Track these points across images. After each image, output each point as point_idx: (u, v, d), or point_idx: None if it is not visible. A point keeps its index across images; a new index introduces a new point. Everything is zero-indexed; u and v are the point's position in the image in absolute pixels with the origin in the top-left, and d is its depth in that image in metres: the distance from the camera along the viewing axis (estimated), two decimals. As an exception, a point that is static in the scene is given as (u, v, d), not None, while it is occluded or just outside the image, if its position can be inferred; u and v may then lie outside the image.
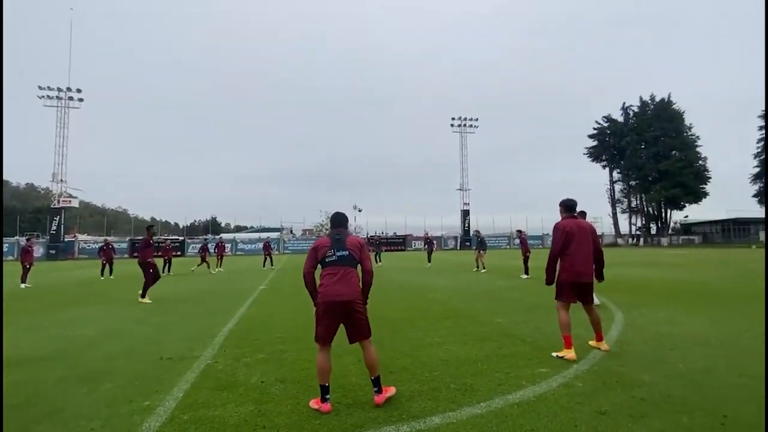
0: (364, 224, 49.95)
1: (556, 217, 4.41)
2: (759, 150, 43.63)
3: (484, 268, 14.55)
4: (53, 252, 36.25)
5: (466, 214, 48.19)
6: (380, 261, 20.12)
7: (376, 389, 2.95)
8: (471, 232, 48.16)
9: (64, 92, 39.31)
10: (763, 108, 42.44)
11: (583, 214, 6.94)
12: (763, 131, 42.80)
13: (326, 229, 49.49)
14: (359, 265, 3.14)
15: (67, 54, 40.79)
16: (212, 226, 67.01)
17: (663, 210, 51.93)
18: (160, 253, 15.82)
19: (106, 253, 15.07)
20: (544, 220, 47.17)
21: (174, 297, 9.32)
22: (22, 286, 11.78)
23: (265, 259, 19.35)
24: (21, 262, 12.71)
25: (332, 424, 2.64)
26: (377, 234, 42.33)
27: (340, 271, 3.00)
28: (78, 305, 8.32)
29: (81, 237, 44.62)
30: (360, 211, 50.07)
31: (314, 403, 2.90)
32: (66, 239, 38.95)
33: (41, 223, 39.93)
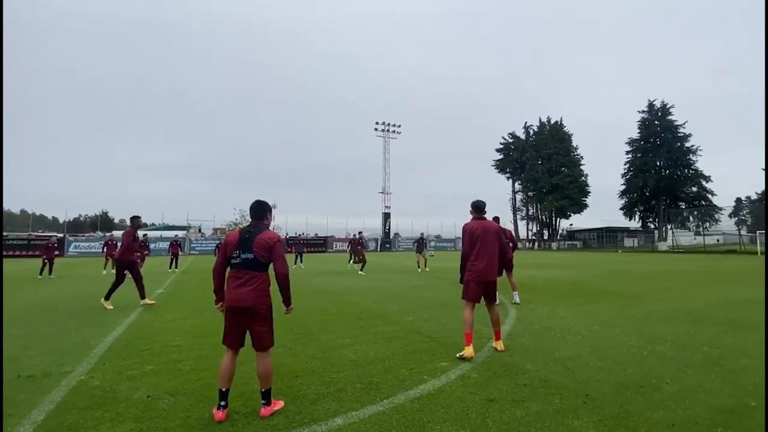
0: (283, 224, 48.22)
1: (467, 220, 4.69)
2: (625, 170, 52.47)
3: (427, 268, 15.95)
4: None
5: (387, 216, 49.47)
6: (302, 263, 19.52)
7: (264, 401, 2.76)
8: (392, 234, 49.62)
9: None
10: (629, 137, 51.35)
11: (496, 219, 7.62)
12: (630, 155, 51.63)
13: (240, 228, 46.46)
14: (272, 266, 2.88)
15: None
16: (102, 222, 58.53)
17: (553, 218, 59.40)
18: (38, 253, 13.21)
19: None
20: (457, 225, 50.72)
21: (48, 303, 7.88)
22: None
23: (172, 260, 17.51)
24: None
25: (227, 435, 2.47)
26: (298, 234, 41.09)
27: (244, 276, 2.80)
28: None
29: None
30: (274, 207, 48.17)
31: (216, 413, 2.69)
32: None
33: None
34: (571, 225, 62.08)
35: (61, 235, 34.81)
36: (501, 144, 62.76)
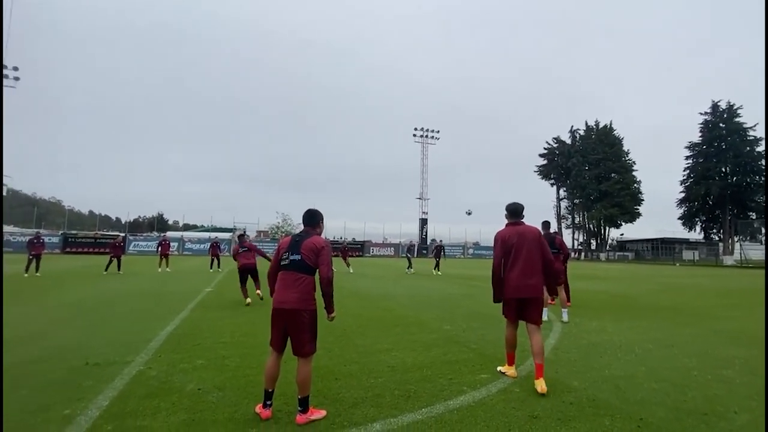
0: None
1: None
2: (684, 177, 48.55)
3: (439, 272, 17.26)
4: (-32, 243, 32.17)
5: (424, 222, 49.22)
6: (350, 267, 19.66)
7: (300, 409, 2.72)
8: (429, 241, 49.25)
9: (-7, 67, 35.33)
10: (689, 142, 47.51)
11: (546, 224, 7.19)
12: (690, 160, 47.76)
13: (282, 231, 48.27)
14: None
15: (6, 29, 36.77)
16: (158, 223, 62.95)
17: (602, 227, 56.08)
18: (107, 251, 14.61)
19: (35, 248, 13.57)
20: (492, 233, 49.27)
21: (111, 298, 8.61)
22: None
23: (212, 260, 18.45)
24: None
25: (272, 430, 2.56)
26: (340, 239, 41.93)
27: (291, 277, 2.88)
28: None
29: (7, 228, 40.06)
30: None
31: (258, 408, 2.82)
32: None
33: (-46, 211, 35.39)
34: (621, 235, 58.34)
35: (123, 234, 37.90)
36: (545, 149, 60.42)
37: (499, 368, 3.90)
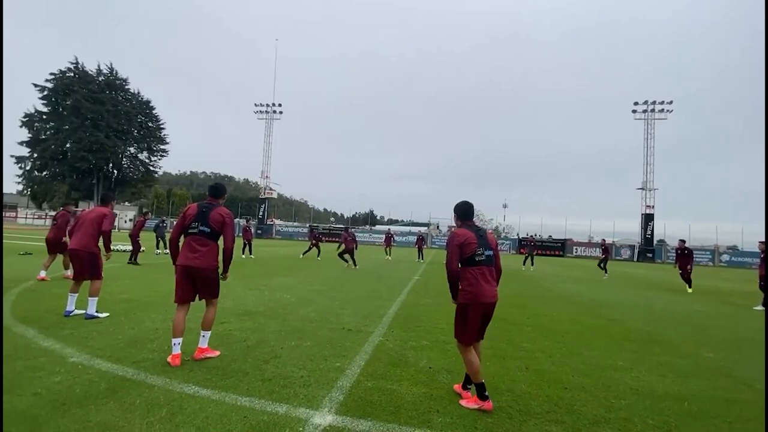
0: (515, 223, 47.04)
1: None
2: None
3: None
4: (260, 232, 46.52)
5: (648, 218, 39.84)
6: (533, 265, 18.50)
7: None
8: (655, 241, 39.70)
9: (270, 107, 49.68)
10: None
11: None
12: None
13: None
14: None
15: (272, 75, 51.45)
16: (370, 218, 74.14)
17: None
18: (339, 240, 18.53)
19: (247, 234, 16.40)
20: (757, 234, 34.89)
21: (347, 277, 10.71)
22: (242, 257, 15.51)
23: (419, 251, 20.33)
24: (243, 238, 16.75)
25: (505, 427, 2.57)
26: (530, 235, 39.15)
27: (486, 271, 2.94)
28: (279, 275, 10.44)
29: (277, 222, 55.95)
30: (505, 206, 48.43)
31: (470, 402, 2.83)
32: (268, 223, 49.43)
33: (252, 210, 51.96)
34: None
35: (344, 226, 46.65)
36: None
37: None
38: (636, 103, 41.80)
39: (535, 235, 40.52)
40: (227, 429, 2.33)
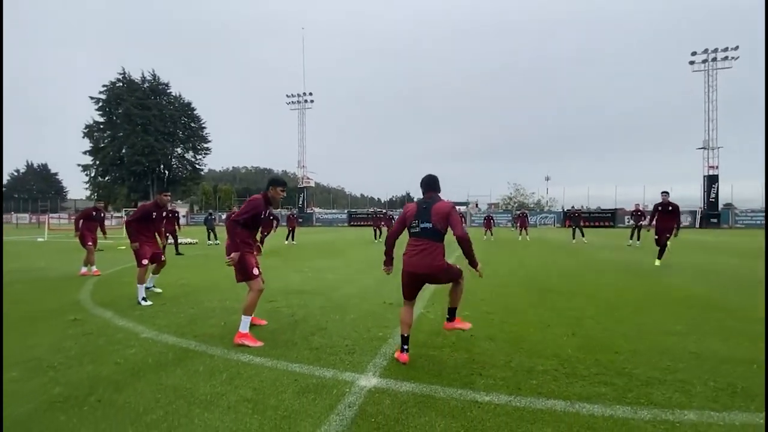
0: (559, 195, 45.07)
1: None
2: None
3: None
4: (301, 220, 48.07)
5: (712, 180, 36.43)
6: (584, 237, 17.67)
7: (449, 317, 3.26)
8: (720, 205, 36.39)
9: (301, 96, 50.43)
10: None
11: None
12: None
13: (516, 203, 47.13)
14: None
15: (301, 65, 52.04)
16: (407, 201, 74.11)
17: None
18: (383, 224, 19.38)
19: (291, 222, 17.11)
20: None
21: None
22: (286, 243, 16.17)
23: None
24: (287, 225, 17.43)
25: (551, 388, 2.55)
26: (574, 207, 37.26)
27: (416, 242, 3.00)
28: (321, 258, 10.80)
29: (317, 210, 57.50)
30: (547, 179, 46.65)
31: (396, 354, 2.99)
32: (308, 211, 50.96)
33: (292, 200, 53.76)
34: None
35: (384, 210, 46.95)
36: None
37: None
38: (694, 53, 37.79)
39: (581, 207, 38.50)
40: (280, 390, 2.51)
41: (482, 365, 2.93)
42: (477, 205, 53.78)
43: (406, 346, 3.02)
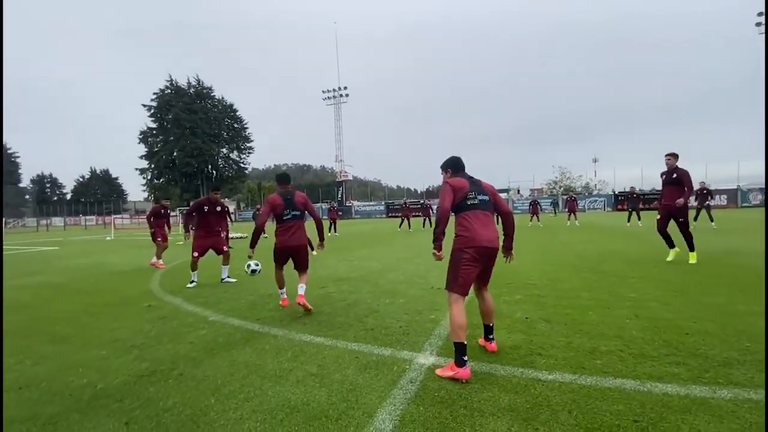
0: (609, 177, 42.51)
1: None
2: None
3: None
4: (341, 213, 49.02)
5: (787, 154, 32.61)
6: (640, 220, 16.61)
7: (491, 336, 2.92)
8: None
9: (337, 91, 51.03)
10: None
11: None
12: None
13: (561, 187, 44.99)
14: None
15: (335, 59, 52.57)
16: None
17: None
18: (419, 214, 19.31)
19: (332, 214, 17.75)
20: None
21: (426, 246, 10.84)
22: (329, 234, 16.60)
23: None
24: (329, 218, 17.89)
25: (617, 368, 2.46)
26: (631, 188, 34.90)
27: (481, 215, 2.75)
28: (364, 248, 10.99)
29: (355, 203, 58.32)
30: (595, 161, 44.23)
31: (445, 370, 2.47)
32: (346, 204, 51.83)
33: (331, 194, 54.86)
34: None
35: (422, 201, 46.71)
36: None
37: None
38: (760, 14, 33.78)
39: (636, 188, 35.99)
40: (343, 366, 2.63)
41: (541, 346, 2.89)
42: (519, 191, 51.98)
43: (464, 357, 2.43)
